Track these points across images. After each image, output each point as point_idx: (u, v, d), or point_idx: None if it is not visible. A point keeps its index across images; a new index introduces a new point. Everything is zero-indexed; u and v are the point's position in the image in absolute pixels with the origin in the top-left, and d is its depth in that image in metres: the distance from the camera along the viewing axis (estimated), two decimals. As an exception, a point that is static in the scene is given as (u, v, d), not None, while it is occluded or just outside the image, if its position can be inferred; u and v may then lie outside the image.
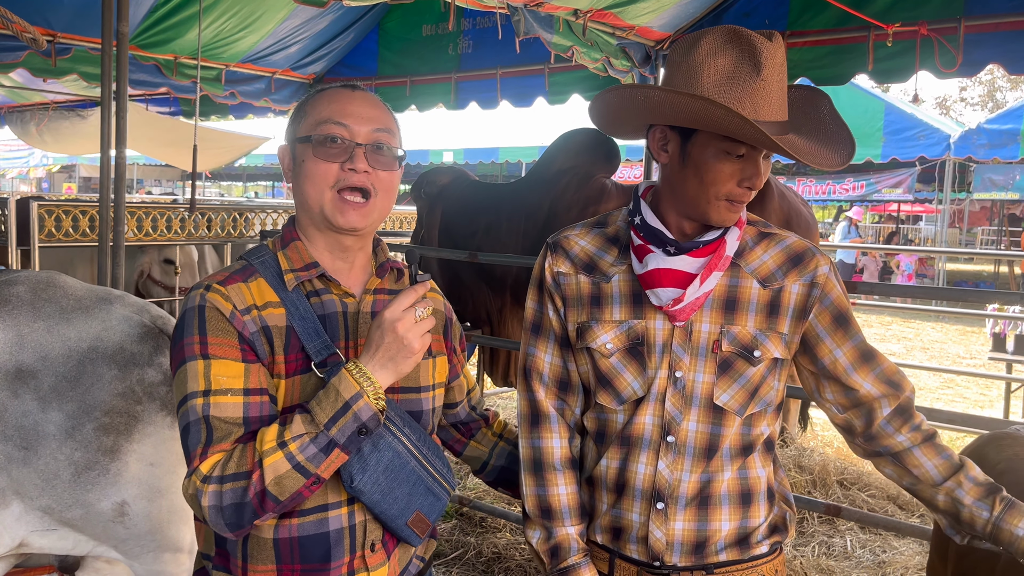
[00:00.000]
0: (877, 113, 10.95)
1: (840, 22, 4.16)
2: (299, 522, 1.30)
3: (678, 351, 1.41)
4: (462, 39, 5.41)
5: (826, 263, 1.45)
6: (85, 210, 3.50)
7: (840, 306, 1.44)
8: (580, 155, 3.75)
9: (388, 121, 1.37)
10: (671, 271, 1.38)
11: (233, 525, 1.21)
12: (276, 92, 6.11)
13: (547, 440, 1.48)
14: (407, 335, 1.23)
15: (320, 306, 1.35)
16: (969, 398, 6.96)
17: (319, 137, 1.31)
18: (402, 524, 1.33)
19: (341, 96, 1.35)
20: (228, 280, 1.31)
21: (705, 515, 1.42)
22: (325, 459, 1.21)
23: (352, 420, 1.22)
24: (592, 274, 1.47)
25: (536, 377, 1.50)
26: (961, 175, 14.13)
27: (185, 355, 1.26)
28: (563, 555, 1.44)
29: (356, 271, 1.41)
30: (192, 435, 1.24)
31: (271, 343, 1.29)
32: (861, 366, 1.44)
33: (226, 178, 24.46)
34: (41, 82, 6.56)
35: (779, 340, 1.42)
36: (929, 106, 30.17)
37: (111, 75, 2.75)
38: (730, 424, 1.41)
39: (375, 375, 1.24)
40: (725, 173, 1.33)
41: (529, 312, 1.54)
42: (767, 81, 1.28)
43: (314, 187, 1.32)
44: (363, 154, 1.31)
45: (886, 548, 3.68)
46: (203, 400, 1.23)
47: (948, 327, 10.86)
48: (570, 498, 1.47)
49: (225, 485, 1.20)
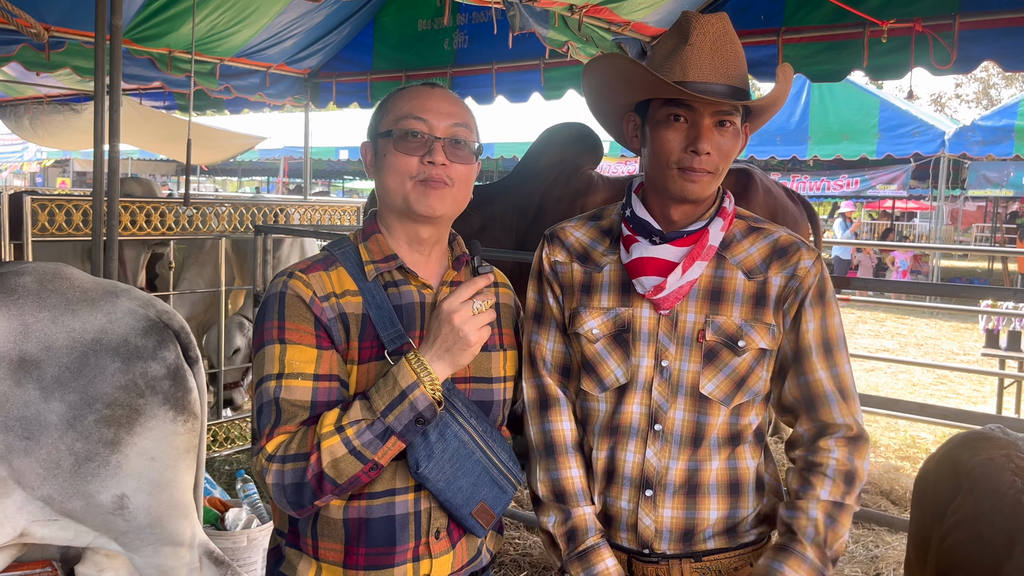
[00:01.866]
0: (872, 109, 10.96)
1: (835, 18, 4.17)
2: (367, 504, 1.34)
3: (664, 340, 1.44)
4: (457, 34, 5.40)
5: (810, 258, 1.45)
6: (78, 204, 3.49)
7: (814, 299, 1.45)
8: (566, 149, 3.78)
9: (466, 117, 1.42)
10: (654, 259, 1.41)
11: (294, 504, 1.27)
12: (271, 87, 6.09)
13: (557, 423, 1.50)
14: (463, 327, 1.26)
15: (397, 296, 1.39)
16: (962, 394, 6.99)
17: (400, 131, 1.38)
18: (466, 514, 1.36)
19: (421, 93, 1.41)
20: (310, 268, 1.38)
21: (693, 503, 1.44)
22: (382, 446, 1.25)
23: (408, 409, 1.25)
24: (586, 264, 1.52)
25: (541, 363, 1.52)
26: (956, 172, 14.14)
27: (264, 339, 1.33)
28: (581, 537, 1.45)
29: (433, 263, 1.46)
30: (263, 415, 1.30)
31: (347, 330, 1.34)
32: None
33: (221, 173, 24.41)
34: (35, 76, 6.54)
35: (766, 331, 1.43)
36: (924, 103, 30.19)
37: (104, 68, 2.73)
38: (716, 413, 1.43)
39: (432, 366, 1.27)
40: (670, 139, 1.37)
41: (530, 302, 1.57)
42: (695, 45, 1.35)
43: (395, 178, 1.38)
44: (441, 148, 1.37)
45: (879, 543, 3.70)
46: (275, 383, 1.30)
47: (942, 323, 10.90)
48: (582, 480, 1.48)
49: (287, 465, 1.25)
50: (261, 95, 6.15)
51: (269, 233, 4.09)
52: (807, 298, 1.44)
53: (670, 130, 1.38)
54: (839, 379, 1.44)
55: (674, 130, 1.37)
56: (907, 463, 4.92)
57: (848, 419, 1.43)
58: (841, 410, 1.43)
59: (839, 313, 1.48)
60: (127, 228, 3.71)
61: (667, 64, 1.38)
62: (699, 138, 1.35)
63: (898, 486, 4.30)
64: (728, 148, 1.38)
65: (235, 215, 4.31)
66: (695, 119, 1.36)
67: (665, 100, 1.37)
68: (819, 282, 1.45)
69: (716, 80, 1.35)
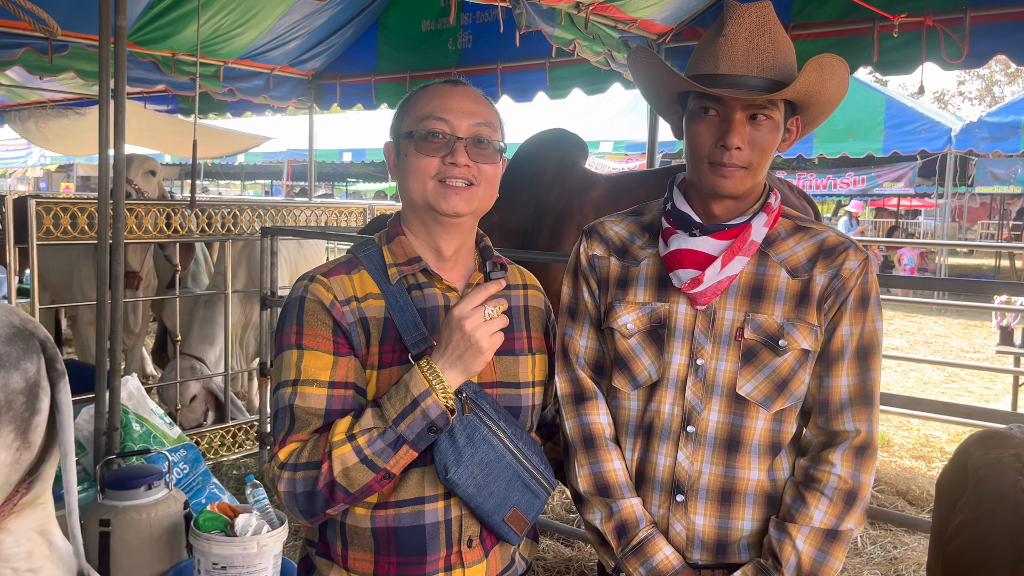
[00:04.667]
0: (878, 107, 10.91)
1: (844, 13, 4.13)
2: (396, 512, 1.31)
3: (700, 338, 1.39)
4: (462, 34, 5.37)
5: (857, 259, 1.39)
6: (84, 207, 3.46)
7: (856, 303, 1.38)
8: (557, 150, 3.77)
9: (489, 115, 1.39)
10: (692, 252, 1.37)
11: (306, 512, 1.26)
12: (275, 88, 6.07)
13: (595, 416, 1.45)
14: (474, 333, 1.22)
15: (422, 299, 1.37)
16: (974, 392, 6.93)
17: (421, 132, 1.35)
18: (499, 520, 1.32)
19: (442, 92, 1.38)
20: (332, 272, 1.36)
21: (728, 512, 1.38)
22: (394, 455, 1.23)
23: (421, 417, 1.22)
24: (624, 258, 1.48)
25: (574, 358, 1.49)
26: (962, 169, 14.07)
27: (283, 343, 1.32)
28: (632, 530, 1.39)
29: (459, 266, 1.43)
30: (278, 422, 1.30)
31: (367, 334, 1.32)
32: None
33: (224, 176, 24.39)
34: (39, 80, 6.52)
35: (809, 331, 1.37)
36: (927, 100, 30.11)
37: (109, 71, 2.70)
38: (754, 416, 1.37)
39: (444, 374, 1.24)
40: (701, 133, 1.33)
41: (565, 298, 1.53)
42: (728, 36, 1.31)
43: (416, 179, 1.35)
44: (464, 148, 1.34)
45: (897, 544, 3.65)
46: (291, 389, 1.29)
47: (950, 321, 10.83)
48: (625, 473, 1.43)
49: (298, 473, 1.24)
50: (265, 97, 6.13)
51: (276, 235, 4.06)
52: (848, 300, 1.37)
53: (702, 123, 1.34)
54: (865, 384, 1.38)
55: (706, 123, 1.33)
56: (922, 462, 4.87)
57: (859, 424, 1.36)
58: (854, 415, 1.36)
59: (881, 318, 1.41)
60: (132, 231, 3.68)
61: (702, 56, 1.34)
62: (729, 132, 1.30)
63: (915, 486, 4.24)
64: (764, 143, 1.32)
65: (241, 217, 4.28)
66: (726, 112, 1.31)
67: (698, 92, 1.33)
68: (863, 285, 1.38)
69: (749, 72, 1.30)
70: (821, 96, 1.36)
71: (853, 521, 1.34)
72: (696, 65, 1.35)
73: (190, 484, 3.01)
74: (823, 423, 1.39)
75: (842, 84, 1.37)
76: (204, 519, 2.43)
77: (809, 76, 1.29)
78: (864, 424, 1.36)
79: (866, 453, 1.36)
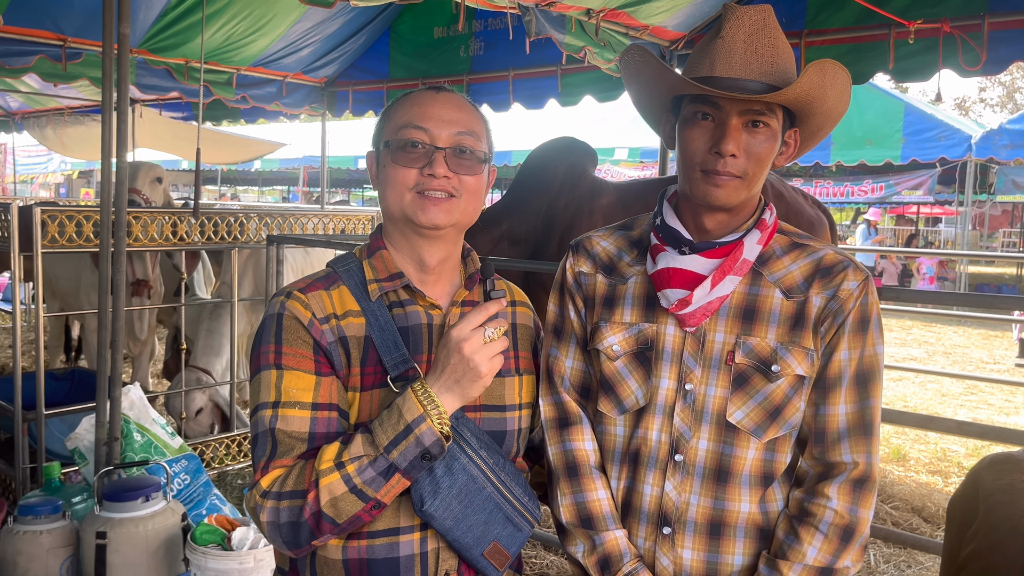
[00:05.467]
0: (896, 114, 10.78)
1: (860, 20, 4.06)
2: (368, 544, 1.24)
3: (689, 361, 1.32)
4: (473, 41, 5.35)
5: (856, 279, 1.31)
6: (89, 215, 3.45)
7: (855, 326, 1.30)
8: (566, 157, 3.73)
9: (472, 123, 1.32)
10: (680, 271, 1.30)
11: (291, 543, 1.19)
12: (288, 96, 6.07)
13: (579, 443, 1.39)
14: (474, 357, 1.16)
15: (403, 317, 1.30)
16: (994, 404, 6.80)
17: (398, 142, 1.28)
18: (478, 555, 1.26)
19: (423, 99, 1.31)
20: (310, 288, 1.29)
21: (717, 546, 1.31)
22: (385, 483, 1.16)
23: (414, 445, 1.16)
24: (611, 275, 1.42)
25: (559, 380, 1.42)
26: (982, 176, 13.88)
27: (261, 363, 1.25)
28: (616, 564, 1.32)
29: (443, 282, 1.37)
30: (259, 447, 1.22)
31: (348, 354, 1.26)
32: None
33: (242, 182, 24.55)
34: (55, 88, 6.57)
35: (804, 356, 1.30)
36: (948, 107, 29.81)
37: (112, 77, 2.69)
38: (745, 446, 1.30)
39: (440, 398, 1.18)
40: (695, 139, 1.27)
41: (550, 315, 1.47)
42: (726, 39, 1.25)
43: (394, 191, 1.29)
44: (443, 158, 1.27)
45: (911, 563, 3.56)
46: (271, 412, 1.22)
47: (970, 331, 10.66)
48: (610, 503, 1.37)
49: (282, 502, 1.17)
50: (278, 104, 6.13)
51: (282, 243, 4.04)
52: (846, 323, 1.30)
53: (695, 128, 1.27)
54: (864, 413, 1.30)
55: (699, 129, 1.27)
56: (938, 478, 4.77)
57: (857, 456, 1.28)
58: (852, 446, 1.29)
59: (882, 341, 1.33)
60: (139, 239, 3.67)
61: (698, 59, 1.28)
62: (724, 138, 1.23)
63: (930, 503, 4.15)
64: (760, 152, 1.26)
65: (248, 225, 4.26)
66: (722, 118, 1.25)
67: (692, 97, 1.27)
68: (862, 307, 1.30)
69: (747, 76, 1.24)
70: (823, 104, 1.29)
71: (850, 559, 1.27)
72: (692, 68, 1.29)
73: (191, 495, 2.98)
74: (819, 454, 1.32)
75: (843, 93, 1.30)
76: (201, 532, 2.40)
77: (810, 78, 1.23)
78: (863, 456, 1.29)
79: (864, 486, 1.29)
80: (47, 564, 2.50)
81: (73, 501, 2.80)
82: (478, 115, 1.35)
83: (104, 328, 2.78)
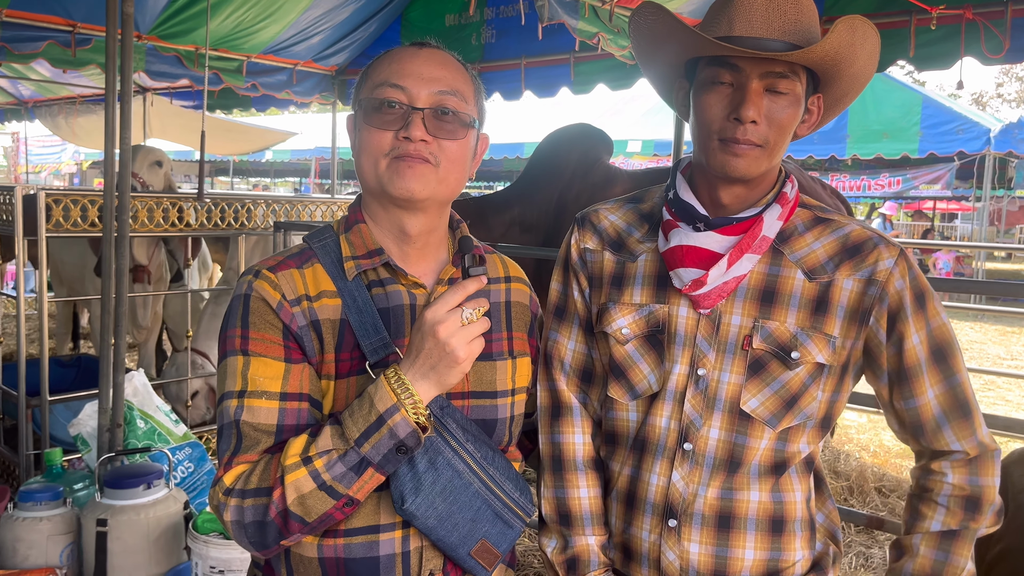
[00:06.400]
0: (914, 106, 10.62)
1: (880, 6, 3.97)
2: (345, 542, 1.16)
3: (702, 345, 1.24)
4: (485, 28, 5.29)
5: (891, 256, 1.22)
6: (94, 199, 3.42)
7: (914, 305, 1.22)
8: (579, 144, 3.67)
9: (457, 82, 1.19)
10: (694, 248, 1.22)
11: (257, 544, 1.10)
12: (298, 84, 6.03)
13: (568, 436, 1.33)
14: (450, 340, 1.05)
15: (384, 298, 1.20)
16: (1012, 401, 6.70)
17: (373, 102, 1.16)
18: (464, 554, 1.17)
19: (403, 55, 1.19)
20: (280, 266, 1.18)
21: (726, 540, 1.24)
22: (357, 479, 1.07)
23: (387, 437, 1.06)
24: (619, 252, 1.32)
25: (557, 365, 1.34)
26: (1001, 171, 13.69)
27: (227, 348, 1.16)
28: (581, 569, 1.28)
29: (428, 258, 1.26)
30: (223, 440, 1.14)
31: (321, 339, 1.16)
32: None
33: (254, 173, 24.58)
34: (65, 75, 6.55)
35: (825, 343, 1.22)
36: (965, 102, 29.45)
37: (116, 60, 2.65)
38: (758, 435, 1.23)
39: (415, 386, 1.07)
40: (712, 104, 1.18)
41: (552, 294, 1.38)
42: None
43: (368, 158, 1.17)
44: (420, 120, 1.14)
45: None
46: (237, 402, 1.12)
47: (987, 327, 10.53)
48: (592, 503, 1.31)
49: (247, 500, 1.09)
50: (288, 92, 6.09)
51: (289, 230, 3.99)
52: (904, 306, 1.21)
53: (712, 93, 1.18)
54: (955, 391, 1.22)
55: (717, 93, 1.18)
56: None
57: (966, 443, 1.21)
58: (957, 433, 1.21)
59: (943, 311, 1.24)
60: (144, 224, 3.63)
61: (715, 18, 1.19)
62: (743, 103, 1.14)
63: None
64: (782, 118, 1.17)
65: (255, 211, 4.22)
66: (741, 81, 1.16)
67: (709, 60, 1.18)
68: (912, 283, 1.22)
69: (769, 35, 1.14)
70: (851, 66, 1.20)
71: (981, 523, 1.21)
72: (708, 29, 1.20)
73: (194, 483, 2.94)
74: (925, 444, 1.25)
75: (873, 55, 1.21)
76: (203, 521, 2.36)
77: (840, 35, 1.13)
78: (969, 440, 1.22)
79: (982, 461, 1.22)
80: (47, 551, 2.47)
81: (75, 488, 2.77)
82: (466, 73, 1.23)
83: (107, 313, 2.74)
